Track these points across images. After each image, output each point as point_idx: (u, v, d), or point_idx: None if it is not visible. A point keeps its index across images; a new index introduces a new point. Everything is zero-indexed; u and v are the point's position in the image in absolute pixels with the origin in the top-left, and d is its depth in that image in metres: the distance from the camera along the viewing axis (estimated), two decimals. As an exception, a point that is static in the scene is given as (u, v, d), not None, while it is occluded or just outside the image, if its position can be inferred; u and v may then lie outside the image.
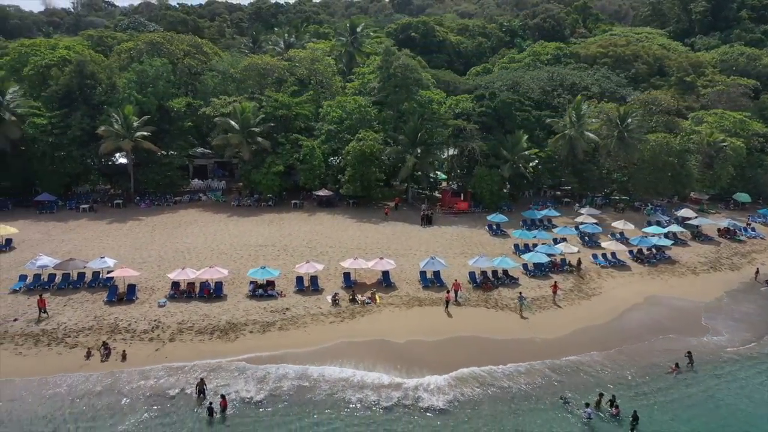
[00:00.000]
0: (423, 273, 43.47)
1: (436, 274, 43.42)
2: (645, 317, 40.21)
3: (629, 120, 64.23)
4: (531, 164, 65.05)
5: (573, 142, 63.32)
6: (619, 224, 55.42)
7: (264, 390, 29.65)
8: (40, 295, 35.97)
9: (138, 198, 62.42)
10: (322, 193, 62.70)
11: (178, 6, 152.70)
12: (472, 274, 43.87)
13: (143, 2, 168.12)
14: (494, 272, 44.40)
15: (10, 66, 66.74)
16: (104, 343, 32.31)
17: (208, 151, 70.93)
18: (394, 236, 52.88)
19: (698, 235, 57.45)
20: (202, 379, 29.26)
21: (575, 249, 49.31)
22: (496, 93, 67.07)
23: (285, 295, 39.86)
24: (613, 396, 29.51)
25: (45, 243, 47.44)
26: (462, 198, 63.44)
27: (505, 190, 63.40)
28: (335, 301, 39.25)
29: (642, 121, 66.28)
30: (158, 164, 63.31)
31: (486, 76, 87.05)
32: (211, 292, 39.19)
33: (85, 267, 39.87)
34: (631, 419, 27.96)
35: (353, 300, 39.67)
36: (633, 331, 38.17)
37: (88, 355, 31.73)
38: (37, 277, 39.63)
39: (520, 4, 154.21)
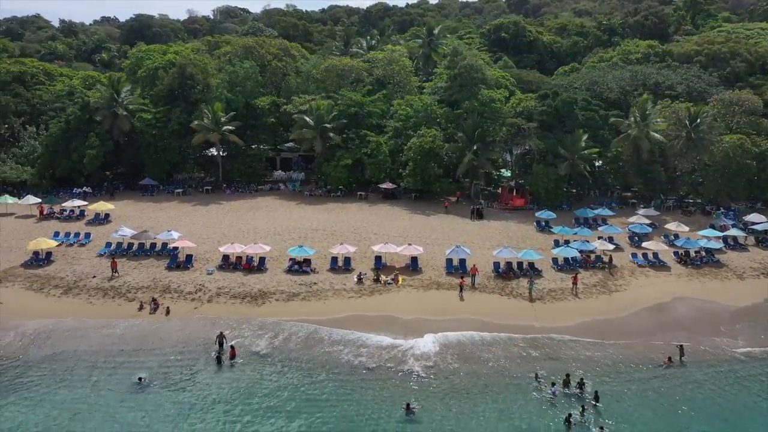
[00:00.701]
0: (449, 260, 46.37)
1: (462, 261, 46.12)
2: (663, 316, 40.30)
3: (699, 120, 62.16)
4: (596, 164, 64.95)
5: (636, 143, 62.52)
6: (672, 226, 54.52)
7: (272, 345, 34.56)
8: (113, 259, 43.54)
9: (225, 185, 70.33)
10: (386, 186, 66.95)
11: (293, 11, 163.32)
12: (496, 264, 46.09)
13: (264, 9, 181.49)
14: (519, 264, 46.25)
15: (129, 69, 77.66)
16: (154, 299, 38.92)
17: (295, 145, 77.64)
18: (439, 227, 55.89)
19: (763, 240, 54.87)
20: (221, 333, 34.62)
21: (611, 246, 49.62)
22: (558, 92, 67.57)
23: (318, 272, 44.63)
24: (581, 378, 31.06)
25: (136, 218, 55.79)
26: (519, 195, 64.90)
27: (564, 189, 63.82)
28: (360, 280, 43.39)
29: (714, 121, 63.71)
30: (244, 156, 70.91)
31: (569, 76, 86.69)
32: (255, 266, 44.87)
33: (155, 238, 47.20)
34: (593, 399, 29.54)
35: (377, 280, 43.58)
36: (642, 326, 38.61)
37: (141, 307, 38.49)
38: (119, 244, 47.50)
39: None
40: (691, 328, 38.53)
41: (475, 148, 63.03)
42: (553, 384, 30.68)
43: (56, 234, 49.67)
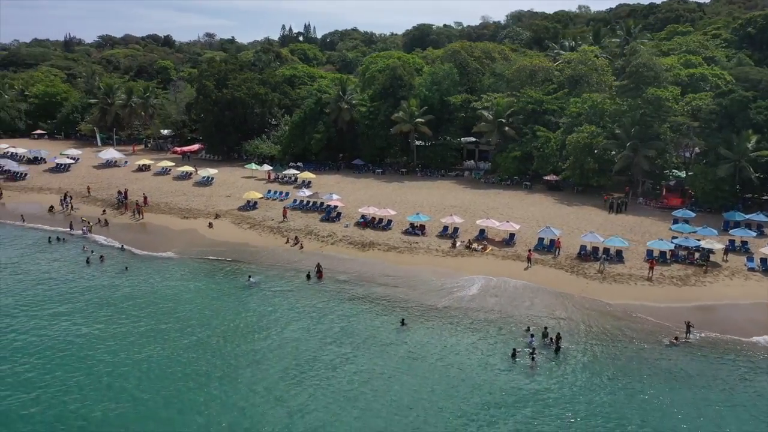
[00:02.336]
0: (541, 239, 51.65)
1: (552, 241, 50.99)
2: (722, 314, 40.07)
3: None
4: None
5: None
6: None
7: (352, 274, 46.42)
8: (285, 209, 60.06)
9: (418, 169, 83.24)
10: (549, 177, 71.97)
11: (551, 14, 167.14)
12: (582, 247, 49.80)
13: (513, 12, 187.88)
14: (606, 249, 49.12)
15: (361, 72, 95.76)
16: (296, 237, 53.95)
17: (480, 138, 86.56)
18: (567, 216, 59.76)
19: None
20: (319, 264, 47.54)
21: (718, 246, 48.38)
22: (734, 89, 63.53)
23: (428, 236, 54.51)
24: (558, 333, 35.83)
25: (332, 186, 71.49)
26: (677, 194, 63.77)
27: (725, 191, 60.75)
28: (454, 245, 52.05)
29: None
30: (436, 145, 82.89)
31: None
32: (384, 225, 56.78)
33: (322, 199, 62.48)
34: (555, 343, 34.69)
35: (468, 246, 51.69)
36: (688, 317, 39.26)
37: (287, 241, 53.88)
38: (300, 201, 64.04)
39: None
40: (743, 330, 37.86)
41: (629, 144, 64.20)
42: (532, 335, 36.16)
43: (269, 191, 68.69)
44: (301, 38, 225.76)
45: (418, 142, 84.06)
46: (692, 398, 30.24)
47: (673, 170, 69.76)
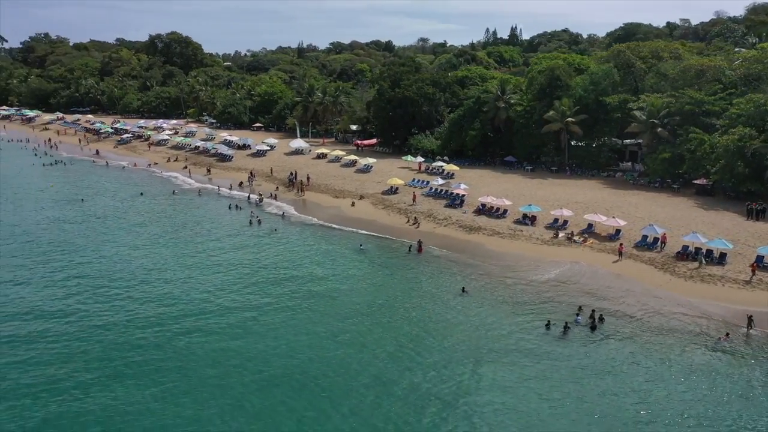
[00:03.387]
0: (645, 236, 51.83)
1: (656, 239, 50.98)
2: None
3: None
4: None
5: None
6: None
7: (448, 250, 52.35)
8: (414, 193, 67.48)
9: (567, 168, 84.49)
10: (699, 181, 68.92)
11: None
12: (685, 247, 49.10)
13: (752, 4, 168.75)
14: (709, 251, 47.90)
15: (527, 72, 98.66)
16: (415, 218, 61.10)
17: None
18: (695, 218, 57.47)
19: None
20: (420, 240, 54.00)
21: None
22: None
23: (536, 226, 57.71)
24: (601, 315, 38.11)
25: (473, 179, 76.63)
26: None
27: None
28: (556, 235, 54.73)
29: None
30: (590, 145, 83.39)
31: None
32: (499, 214, 61.18)
33: (451, 187, 68.51)
34: (590, 326, 37.22)
35: (569, 238, 54.00)
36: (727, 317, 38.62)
37: (408, 221, 61.27)
38: (434, 189, 70.76)
39: None
40: None
41: (776, 148, 59.49)
42: (578, 315, 38.89)
43: (413, 180, 76.57)
44: (499, 41, 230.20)
45: (573, 142, 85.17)
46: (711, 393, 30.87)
47: None
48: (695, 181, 69.30)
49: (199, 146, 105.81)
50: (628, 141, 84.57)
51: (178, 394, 29.80)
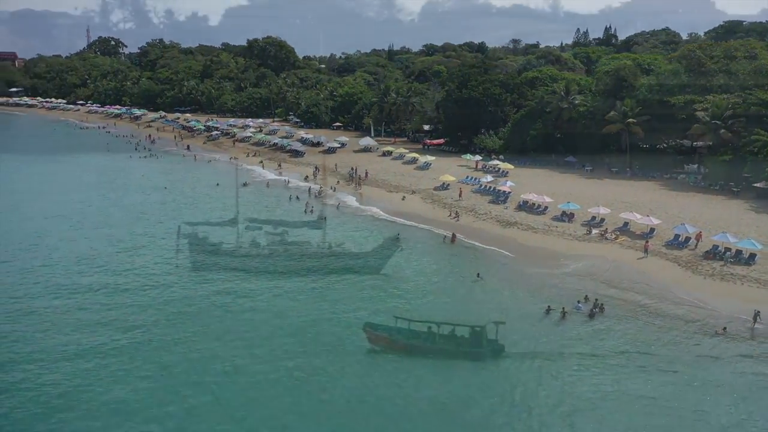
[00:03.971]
0: (677, 235, 51.77)
1: (687, 238, 50.90)
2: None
3: None
4: None
5: None
6: None
7: (480, 242, 54.91)
8: (461, 189, 69.95)
9: (628, 169, 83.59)
10: (759, 184, 66.70)
11: None
12: (714, 246, 48.75)
13: None
14: (738, 251, 47.37)
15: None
16: (456, 212, 63.84)
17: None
18: (738, 220, 56.25)
19: None
20: (453, 233, 56.74)
21: None
22: None
23: (573, 223, 58.77)
24: (602, 304, 39.50)
25: (527, 176, 77.90)
26: None
27: None
28: (589, 231, 55.71)
29: None
30: (652, 146, 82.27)
31: None
32: (539, 211, 62.66)
33: (499, 184, 70.39)
34: (589, 314, 38.81)
35: (602, 235, 54.82)
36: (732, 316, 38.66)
37: (449, 214, 64.19)
38: (482, 186, 72.93)
39: None
40: None
41: None
42: (579, 302, 40.55)
43: (466, 177, 78.94)
44: (591, 42, 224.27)
45: (637, 143, 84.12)
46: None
47: None
48: (755, 184, 67.09)
49: (276, 143, 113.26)
50: (698, 143, 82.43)
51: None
